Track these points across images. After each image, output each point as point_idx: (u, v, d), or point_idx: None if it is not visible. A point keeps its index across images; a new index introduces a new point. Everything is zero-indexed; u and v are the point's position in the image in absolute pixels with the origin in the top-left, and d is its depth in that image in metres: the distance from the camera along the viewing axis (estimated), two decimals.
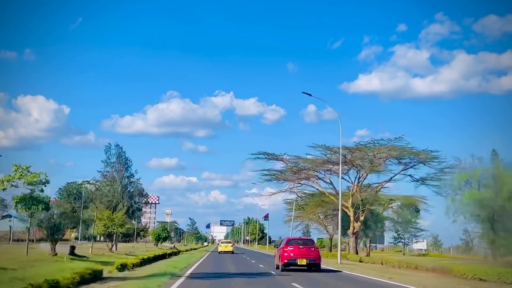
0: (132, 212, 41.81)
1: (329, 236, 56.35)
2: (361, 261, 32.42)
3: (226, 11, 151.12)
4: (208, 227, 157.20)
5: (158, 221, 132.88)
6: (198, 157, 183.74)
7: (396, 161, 41.46)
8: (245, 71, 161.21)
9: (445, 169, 39.23)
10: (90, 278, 13.67)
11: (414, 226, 51.74)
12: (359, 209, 41.57)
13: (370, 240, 51.42)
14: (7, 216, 57.22)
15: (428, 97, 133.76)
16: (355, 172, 42.67)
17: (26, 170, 22.89)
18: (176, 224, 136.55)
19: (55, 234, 25.47)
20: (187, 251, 53.73)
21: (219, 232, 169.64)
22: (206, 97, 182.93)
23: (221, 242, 57.29)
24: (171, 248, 51.54)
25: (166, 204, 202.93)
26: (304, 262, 21.10)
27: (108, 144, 41.94)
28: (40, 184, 23.27)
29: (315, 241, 25.70)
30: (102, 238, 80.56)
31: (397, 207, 47.62)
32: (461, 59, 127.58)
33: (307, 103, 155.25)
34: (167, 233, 60.00)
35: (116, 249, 39.05)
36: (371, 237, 48.86)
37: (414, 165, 41.19)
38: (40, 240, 35.47)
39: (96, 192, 39.28)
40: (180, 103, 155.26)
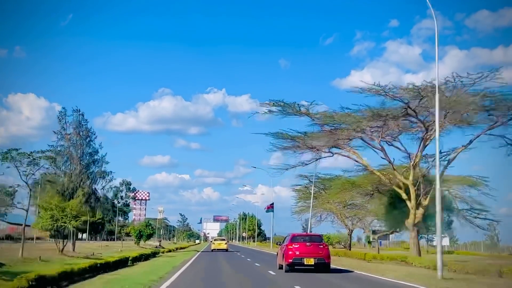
0: (95, 200, 30.26)
1: (348, 231, 48.60)
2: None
3: (217, 8, 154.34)
4: (200, 223, 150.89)
5: (147, 218, 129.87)
6: (190, 154, 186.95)
7: (485, 112, 28.12)
8: (237, 67, 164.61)
9: None
10: None
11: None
12: (420, 189, 29.53)
13: (391, 233, 43.75)
14: None
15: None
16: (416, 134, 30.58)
17: None
18: (166, 221, 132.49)
19: None
20: (171, 251, 45.62)
21: (212, 229, 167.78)
22: (198, 94, 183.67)
23: (214, 240, 55.19)
24: (157, 247, 47.15)
25: (158, 202, 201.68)
26: (311, 261, 18.84)
27: (63, 109, 30.79)
28: None
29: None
30: (84, 235, 71.96)
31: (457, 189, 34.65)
32: (453, 55, 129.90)
33: (299, 100, 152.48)
34: (151, 229, 53.33)
35: (74, 249, 29.76)
36: (432, 231, 39.08)
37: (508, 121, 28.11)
38: None
39: (45, 176, 29.00)
40: (172, 100, 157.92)
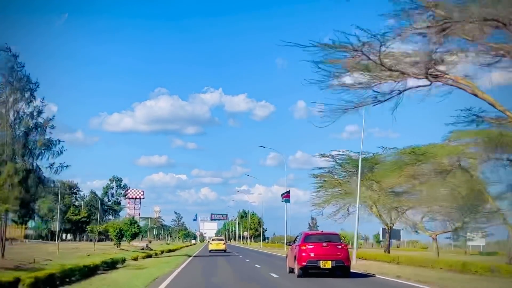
0: (36, 181, 20.13)
1: (386, 229, 38.15)
2: None
3: (214, 7, 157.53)
4: (196, 220, 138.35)
5: (142, 217, 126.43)
6: (187, 154, 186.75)
7: None
8: (234, 67, 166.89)
9: None
10: None
11: None
12: None
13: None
14: None
15: (418, 90, 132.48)
16: None
17: None
18: (161, 220, 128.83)
19: None
20: (157, 255, 35.99)
21: (209, 229, 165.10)
22: (195, 93, 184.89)
23: (212, 240, 52.08)
24: (144, 249, 42.16)
25: (156, 202, 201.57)
26: (328, 264, 16.40)
27: None
28: None
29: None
30: (67, 235, 70.17)
31: None
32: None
33: (297, 99, 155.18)
34: (137, 228, 44.88)
35: (3, 254, 19.45)
36: None
37: None
38: None
39: None
40: (168, 100, 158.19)
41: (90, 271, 15.88)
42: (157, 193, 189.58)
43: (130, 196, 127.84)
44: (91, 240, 71.61)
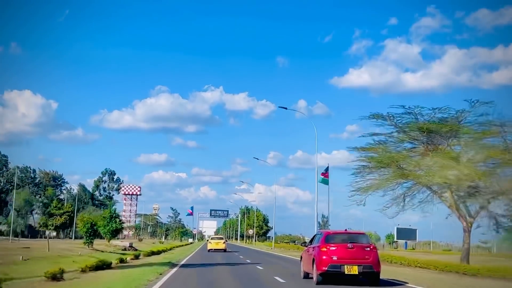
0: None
1: (466, 226, 23.40)
2: None
3: (215, 5, 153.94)
4: (190, 214, 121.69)
5: (138, 214, 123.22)
6: (187, 153, 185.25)
7: None
8: (235, 65, 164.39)
9: None
10: None
11: None
12: None
13: None
14: None
15: (419, 92, 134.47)
16: None
17: None
18: (158, 217, 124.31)
19: None
20: (125, 261, 22.28)
21: (208, 227, 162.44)
22: (195, 92, 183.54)
23: (211, 238, 48.63)
24: (126, 249, 35.03)
25: (155, 200, 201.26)
26: (355, 270, 13.79)
27: None
28: None
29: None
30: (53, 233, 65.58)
31: None
32: (452, 54, 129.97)
33: (298, 99, 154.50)
34: (119, 223, 36.34)
35: None
36: None
37: None
38: None
39: None
40: (169, 98, 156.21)
41: None
42: (156, 191, 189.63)
43: (126, 192, 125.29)
44: (81, 238, 66.87)
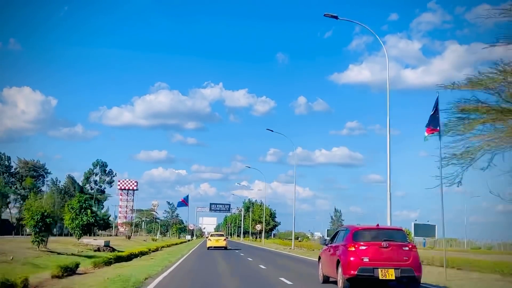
0: None
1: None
2: None
3: (215, 2, 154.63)
4: (184, 205, 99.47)
5: (135, 209, 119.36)
6: (187, 150, 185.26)
7: None
8: (234, 62, 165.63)
9: None
10: None
11: None
12: None
13: None
14: None
15: (419, 88, 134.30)
16: None
17: None
18: (154, 213, 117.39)
19: None
20: (62, 276, 14.03)
21: (208, 224, 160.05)
22: (195, 88, 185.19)
23: (211, 235, 45.58)
24: (100, 250, 27.89)
25: (155, 197, 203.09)
26: (391, 274, 11.22)
27: None
28: None
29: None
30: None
31: None
32: (453, 50, 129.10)
33: (297, 95, 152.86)
34: (90, 216, 28.11)
35: None
36: None
37: None
38: None
39: None
40: (168, 95, 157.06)
41: None
42: (156, 188, 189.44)
43: (123, 187, 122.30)
44: (66, 235, 58.97)
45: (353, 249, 11.72)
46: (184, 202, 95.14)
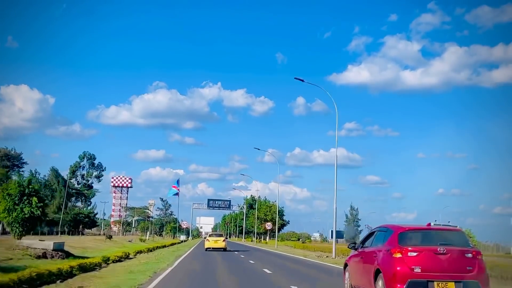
0: None
1: None
2: None
3: (214, 1, 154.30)
4: (176, 192, 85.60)
5: (128, 207, 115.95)
6: (185, 149, 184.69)
7: None
8: (233, 61, 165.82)
9: None
10: None
11: None
12: None
13: None
14: None
15: (418, 89, 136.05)
16: None
17: None
18: (147, 211, 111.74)
19: None
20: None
21: (205, 224, 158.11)
22: (193, 88, 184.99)
23: (209, 236, 41.34)
24: (48, 255, 12.06)
25: (152, 196, 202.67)
26: None
27: None
28: None
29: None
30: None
31: None
32: (453, 52, 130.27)
33: (296, 95, 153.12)
34: (35, 207, 20.49)
35: None
36: None
37: None
38: None
39: None
40: (166, 94, 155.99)
41: None
42: (154, 188, 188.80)
43: (116, 184, 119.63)
44: (44, 234, 54.52)
45: (400, 255, 9.01)
46: (176, 188, 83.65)
